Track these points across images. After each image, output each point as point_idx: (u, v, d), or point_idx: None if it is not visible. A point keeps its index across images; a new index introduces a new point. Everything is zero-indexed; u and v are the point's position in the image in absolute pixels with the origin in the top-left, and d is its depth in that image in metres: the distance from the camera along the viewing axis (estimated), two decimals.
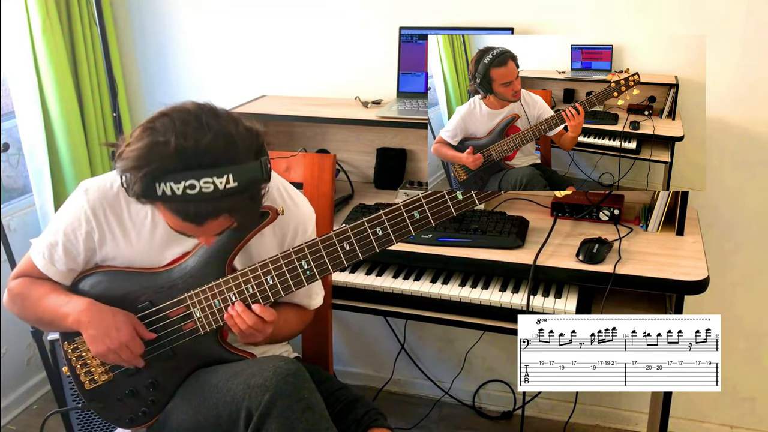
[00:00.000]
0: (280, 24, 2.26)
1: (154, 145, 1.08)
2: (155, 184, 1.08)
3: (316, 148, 2.26)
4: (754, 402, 2.20)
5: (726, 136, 1.93)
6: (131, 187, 1.11)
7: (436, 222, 1.23)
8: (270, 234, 1.38)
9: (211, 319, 1.31)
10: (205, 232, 1.18)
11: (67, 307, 1.31)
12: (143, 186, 1.09)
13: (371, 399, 2.40)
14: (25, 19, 2.11)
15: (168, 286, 1.32)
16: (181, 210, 1.11)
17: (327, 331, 1.71)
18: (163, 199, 1.10)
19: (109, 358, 1.30)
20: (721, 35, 1.85)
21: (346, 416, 1.41)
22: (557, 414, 2.39)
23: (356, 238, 1.25)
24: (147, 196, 1.11)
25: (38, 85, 2.18)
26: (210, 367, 1.33)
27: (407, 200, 1.23)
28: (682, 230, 1.78)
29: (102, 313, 1.29)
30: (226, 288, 1.30)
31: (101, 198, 1.32)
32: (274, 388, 1.18)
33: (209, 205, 1.10)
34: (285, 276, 1.28)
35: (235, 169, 1.10)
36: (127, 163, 1.10)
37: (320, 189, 1.68)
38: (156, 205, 1.15)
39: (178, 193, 1.08)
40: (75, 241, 1.33)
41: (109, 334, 1.27)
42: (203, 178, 1.08)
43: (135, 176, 1.09)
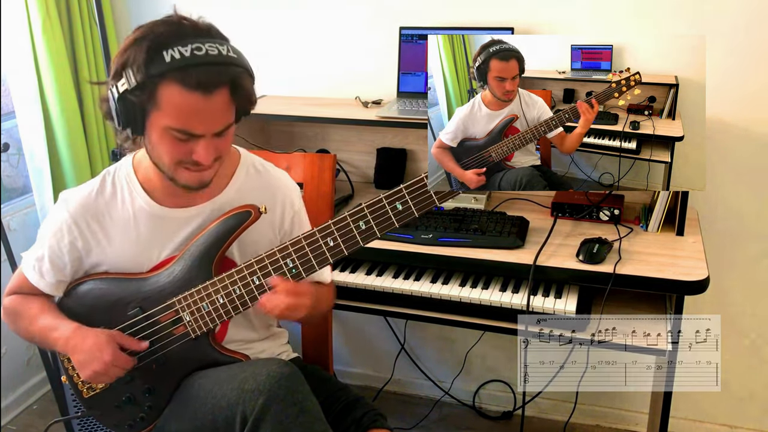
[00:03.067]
0: (280, 24, 2.26)
1: (154, 22, 1.14)
2: (162, 52, 1.09)
3: (316, 148, 2.26)
4: (755, 402, 2.20)
5: (726, 136, 1.93)
6: (134, 69, 1.11)
7: (420, 212, 1.21)
8: (269, 220, 1.39)
9: (201, 322, 1.31)
10: (210, 116, 1.15)
11: (56, 333, 1.32)
12: (149, 56, 1.09)
13: (371, 399, 2.40)
14: (25, 19, 2.11)
15: (157, 291, 1.32)
16: (190, 76, 1.10)
17: (327, 331, 1.71)
18: (171, 66, 1.09)
19: (100, 380, 1.30)
20: (721, 35, 1.85)
21: (346, 417, 1.41)
22: (557, 414, 2.39)
23: (339, 233, 1.23)
24: (154, 70, 1.09)
25: (38, 85, 2.17)
26: (205, 370, 1.33)
27: (389, 192, 1.21)
28: (682, 230, 1.78)
29: (86, 337, 1.29)
30: (213, 290, 1.29)
31: (81, 206, 1.32)
32: (267, 392, 1.18)
33: (217, 69, 1.12)
34: (270, 276, 1.27)
35: (229, 44, 1.17)
36: (124, 48, 1.13)
37: (320, 189, 1.68)
38: (161, 87, 1.11)
39: (186, 55, 1.09)
40: (60, 252, 1.33)
41: (94, 358, 1.27)
42: (207, 43, 1.12)
43: (139, 50, 1.10)
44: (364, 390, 2.54)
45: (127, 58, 1.12)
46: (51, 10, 2.13)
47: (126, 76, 1.11)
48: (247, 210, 1.29)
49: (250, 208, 1.29)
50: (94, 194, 1.33)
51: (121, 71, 1.12)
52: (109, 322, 1.34)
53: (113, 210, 1.33)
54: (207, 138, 1.18)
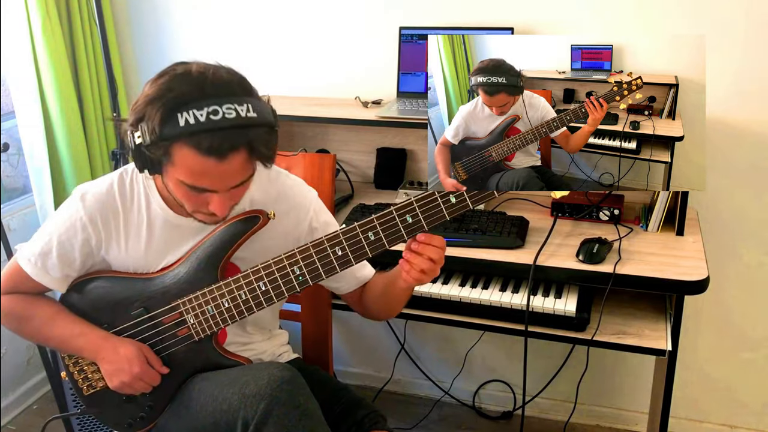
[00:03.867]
0: (280, 24, 2.26)
1: (174, 77, 1.10)
2: (177, 115, 1.06)
3: (316, 148, 2.26)
4: (755, 402, 2.20)
5: (726, 136, 1.93)
6: (148, 127, 1.07)
7: (429, 226, 1.20)
8: (283, 229, 1.37)
9: (205, 325, 1.31)
10: (224, 176, 1.13)
11: (82, 340, 1.32)
12: (163, 117, 1.06)
13: (371, 400, 2.40)
14: (25, 19, 2.11)
15: (161, 291, 1.31)
16: (204, 141, 1.06)
17: (327, 331, 1.71)
18: (184, 130, 1.06)
19: (126, 391, 1.31)
20: (721, 35, 1.85)
21: (346, 419, 1.41)
22: (557, 414, 2.39)
23: (348, 243, 1.23)
24: (167, 132, 1.06)
25: (38, 85, 2.17)
26: (206, 373, 1.33)
27: (400, 204, 1.21)
28: (682, 230, 1.78)
29: (116, 348, 1.30)
30: (218, 294, 1.29)
31: (98, 204, 1.31)
32: (269, 396, 1.17)
33: (232, 134, 1.07)
34: (277, 282, 1.27)
35: (252, 100, 1.11)
36: (142, 103, 1.09)
37: (320, 189, 1.68)
38: (174, 147, 1.09)
39: (201, 120, 1.05)
40: (71, 248, 1.32)
41: (122, 369, 1.28)
42: (225, 104, 1.07)
43: (154, 110, 1.07)
44: (364, 390, 2.54)
45: (144, 114, 1.09)
46: (51, 10, 2.13)
47: (141, 131, 1.09)
48: (255, 215, 1.28)
49: (259, 213, 1.28)
50: (113, 192, 1.32)
51: (137, 124, 1.10)
52: (112, 320, 1.34)
53: (129, 211, 1.32)
54: (222, 193, 1.17)
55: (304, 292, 1.71)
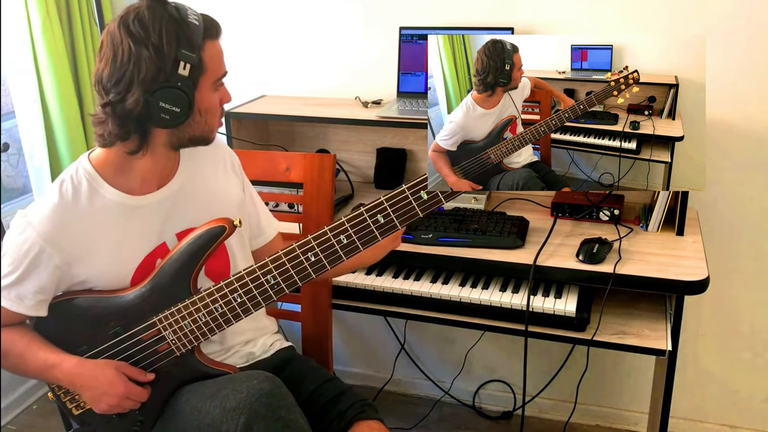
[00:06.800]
0: (280, 24, 2.26)
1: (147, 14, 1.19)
2: (184, 28, 1.18)
3: (316, 148, 2.26)
4: (754, 402, 2.20)
5: (726, 136, 1.93)
6: (181, 50, 1.17)
7: (403, 224, 1.20)
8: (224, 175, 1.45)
9: (185, 340, 1.30)
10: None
11: (56, 371, 1.28)
12: (179, 37, 1.17)
13: (372, 399, 2.40)
14: (25, 19, 2.10)
15: (136, 308, 1.29)
16: (211, 28, 1.24)
17: (327, 331, 1.71)
18: (198, 29, 1.21)
19: (115, 411, 1.29)
20: (721, 35, 1.85)
21: (331, 410, 1.39)
22: (557, 414, 2.39)
23: (320, 248, 1.22)
24: (194, 39, 1.19)
25: (38, 85, 2.17)
26: (192, 384, 1.32)
27: (370, 204, 1.20)
28: (682, 230, 1.78)
29: (93, 373, 1.27)
30: (194, 309, 1.28)
31: (48, 221, 1.24)
32: (248, 410, 1.17)
33: (212, 20, 1.27)
34: (252, 293, 1.26)
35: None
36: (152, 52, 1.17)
37: (320, 189, 1.68)
38: (204, 48, 1.21)
39: (196, 17, 1.22)
40: (38, 272, 1.25)
41: (106, 393, 1.26)
42: (189, 9, 1.23)
43: (171, 42, 1.17)
44: (364, 390, 2.54)
45: (164, 50, 1.16)
46: (51, 10, 2.13)
47: (182, 57, 1.17)
48: (220, 225, 1.26)
49: (224, 222, 1.26)
50: (57, 205, 1.25)
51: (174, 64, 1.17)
52: (92, 340, 1.30)
53: (83, 214, 1.26)
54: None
55: (304, 292, 1.71)
